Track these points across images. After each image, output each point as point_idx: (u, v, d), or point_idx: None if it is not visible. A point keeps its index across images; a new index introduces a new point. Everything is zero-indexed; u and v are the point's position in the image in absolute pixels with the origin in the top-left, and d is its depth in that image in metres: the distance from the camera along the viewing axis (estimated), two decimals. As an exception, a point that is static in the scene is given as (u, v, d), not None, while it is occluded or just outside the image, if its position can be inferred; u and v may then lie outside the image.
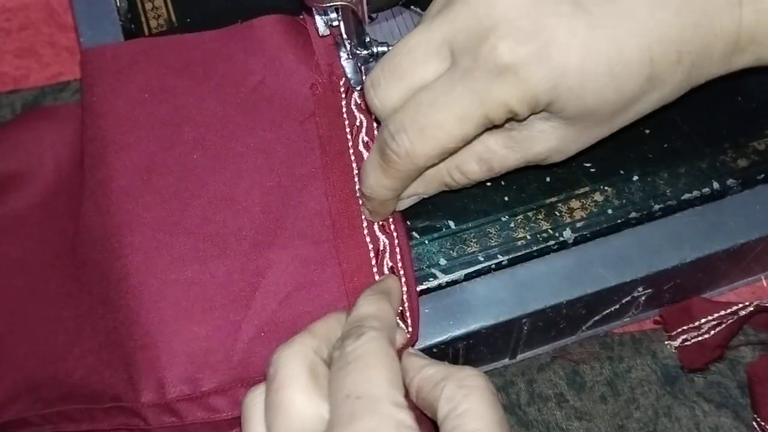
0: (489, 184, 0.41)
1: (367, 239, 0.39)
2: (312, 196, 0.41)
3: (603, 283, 0.39)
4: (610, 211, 0.40)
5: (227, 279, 0.39)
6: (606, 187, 0.41)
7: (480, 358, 0.43)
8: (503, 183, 0.41)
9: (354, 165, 0.41)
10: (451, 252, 0.39)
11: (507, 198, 0.40)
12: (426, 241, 0.40)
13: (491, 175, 0.38)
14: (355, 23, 0.40)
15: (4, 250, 0.45)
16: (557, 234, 0.40)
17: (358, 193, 0.39)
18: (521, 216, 0.40)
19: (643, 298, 0.42)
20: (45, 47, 0.57)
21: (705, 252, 0.40)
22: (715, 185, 0.41)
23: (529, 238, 0.40)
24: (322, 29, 0.43)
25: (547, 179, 0.41)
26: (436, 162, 0.34)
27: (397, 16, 0.46)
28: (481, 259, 0.39)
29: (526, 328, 0.40)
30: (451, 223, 0.40)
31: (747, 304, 0.43)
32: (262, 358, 0.37)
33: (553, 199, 0.41)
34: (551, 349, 0.45)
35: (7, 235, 0.45)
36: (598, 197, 0.41)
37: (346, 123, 0.42)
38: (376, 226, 0.39)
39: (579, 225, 0.40)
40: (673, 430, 0.42)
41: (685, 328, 0.44)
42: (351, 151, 0.41)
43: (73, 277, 0.42)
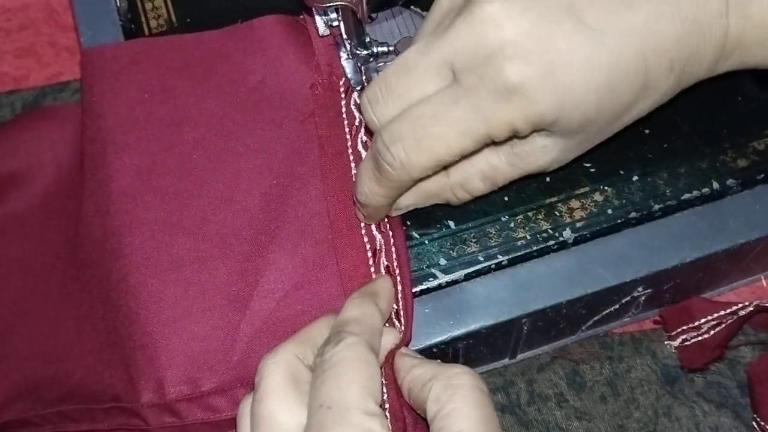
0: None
1: (365, 239, 0.39)
2: (311, 196, 0.41)
3: (603, 283, 0.39)
4: (610, 211, 0.40)
5: (226, 279, 0.39)
6: (606, 187, 0.41)
7: (480, 358, 0.43)
8: (503, 183, 0.41)
9: (353, 165, 0.41)
10: (451, 252, 0.39)
11: (507, 198, 0.40)
12: (426, 241, 0.40)
13: (493, 189, 0.38)
14: (355, 23, 0.40)
15: (4, 250, 0.45)
16: (557, 234, 0.40)
17: (353, 199, 0.39)
18: (521, 216, 0.40)
19: (643, 298, 0.42)
20: (45, 47, 0.57)
21: (705, 252, 0.40)
22: (715, 185, 0.41)
23: (529, 238, 0.40)
24: (322, 29, 0.43)
25: (547, 179, 0.41)
26: (430, 174, 0.34)
27: (397, 16, 0.46)
28: (481, 259, 0.39)
29: (526, 328, 0.40)
30: (451, 223, 0.40)
31: (747, 304, 0.43)
32: (261, 358, 0.37)
33: (553, 199, 0.41)
34: (551, 349, 0.45)
35: (7, 235, 0.45)
36: (598, 197, 0.41)
37: (346, 123, 0.42)
38: (373, 226, 0.39)
39: (579, 225, 0.40)
40: (673, 430, 0.42)
41: (685, 328, 0.44)
42: (350, 150, 0.41)
43: (73, 277, 0.42)
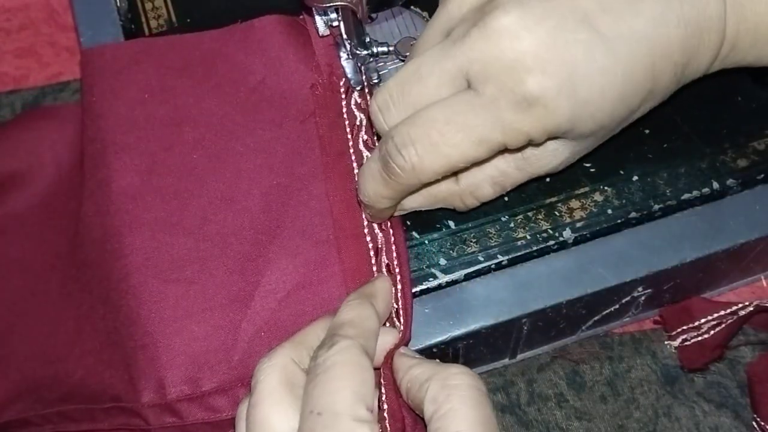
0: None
1: (367, 238, 0.39)
2: (312, 196, 0.41)
3: (603, 283, 0.39)
4: (609, 211, 0.40)
5: (227, 279, 0.39)
6: (606, 187, 0.41)
7: (480, 358, 0.43)
8: (503, 183, 0.41)
9: (354, 165, 0.41)
10: (451, 252, 0.39)
11: (507, 198, 0.40)
12: (426, 241, 0.40)
13: (502, 194, 0.38)
14: (355, 23, 0.40)
15: (4, 250, 0.45)
16: (557, 234, 0.40)
17: (357, 198, 0.39)
18: (521, 216, 0.40)
19: (642, 298, 0.42)
20: (45, 47, 0.57)
21: (705, 252, 0.40)
22: (715, 185, 0.41)
23: (529, 238, 0.40)
24: (322, 29, 0.43)
25: (547, 179, 0.41)
26: (439, 179, 0.34)
27: (397, 16, 0.46)
28: (481, 259, 0.39)
29: (526, 328, 0.40)
30: (451, 223, 0.40)
31: (747, 304, 0.43)
32: (258, 362, 0.37)
33: (553, 199, 0.41)
34: (551, 349, 0.45)
35: (7, 235, 0.45)
36: (598, 197, 0.41)
37: (346, 123, 0.42)
38: (375, 224, 0.39)
39: (579, 225, 0.40)
40: (673, 430, 0.42)
41: (684, 328, 0.44)
42: (351, 150, 0.41)
43: (73, 277, 0.42)
